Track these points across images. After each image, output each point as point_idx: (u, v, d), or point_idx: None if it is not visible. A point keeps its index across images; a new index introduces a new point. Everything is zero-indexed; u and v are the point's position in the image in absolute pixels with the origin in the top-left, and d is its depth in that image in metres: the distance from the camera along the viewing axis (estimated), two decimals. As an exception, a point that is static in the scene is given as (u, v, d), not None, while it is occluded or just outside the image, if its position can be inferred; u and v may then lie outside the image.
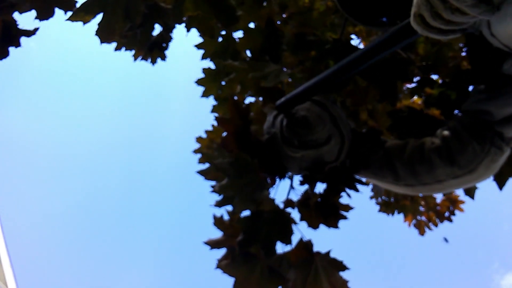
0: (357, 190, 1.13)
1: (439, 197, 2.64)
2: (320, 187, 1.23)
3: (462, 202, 2.64)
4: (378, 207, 2.66)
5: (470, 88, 1.04)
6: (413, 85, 1.62)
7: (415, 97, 1.79)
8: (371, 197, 2.65)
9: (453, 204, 2.66)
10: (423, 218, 2.71)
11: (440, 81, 1.51)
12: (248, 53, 1.60)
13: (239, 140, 1.06)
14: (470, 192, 1.52)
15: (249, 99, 1.77)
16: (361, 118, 1.35)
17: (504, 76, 0.84)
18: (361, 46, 1.95)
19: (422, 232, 2.73)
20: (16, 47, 1.74)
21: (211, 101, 1.87)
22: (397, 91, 1.36)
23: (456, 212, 2.66)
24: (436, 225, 2.70)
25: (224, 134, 1.08)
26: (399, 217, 2.68)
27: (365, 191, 2.79)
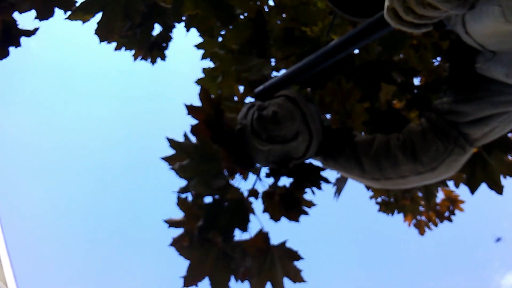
0: (319, 188, 1.16)
1: (439, 197, 2.64)
2: (287, 182, 1.25)
3: (462, 202, 2.64)
4: (378, 207, 2.67)
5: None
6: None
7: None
8: (371, 197, 2.65)
9: (453, 204, 2.66)
10: (423, 218, 2.71)
11: (420, 84, 1.51)
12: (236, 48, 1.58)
13: (211, 129, 1.06)
14: (429, 197, 1.52)
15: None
16: (340, 118, 1.36)
17: (478, 76, 0.83)
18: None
19: (422, 232, 2.74)
20: (16, 47, 1.75)
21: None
22: (379, 92, 1.37)
23: (456, 211, 2.66)
24: (436, 225, 2.71)
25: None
26: (398, 217, 2.68)
27: (365, 190, 2.78)
